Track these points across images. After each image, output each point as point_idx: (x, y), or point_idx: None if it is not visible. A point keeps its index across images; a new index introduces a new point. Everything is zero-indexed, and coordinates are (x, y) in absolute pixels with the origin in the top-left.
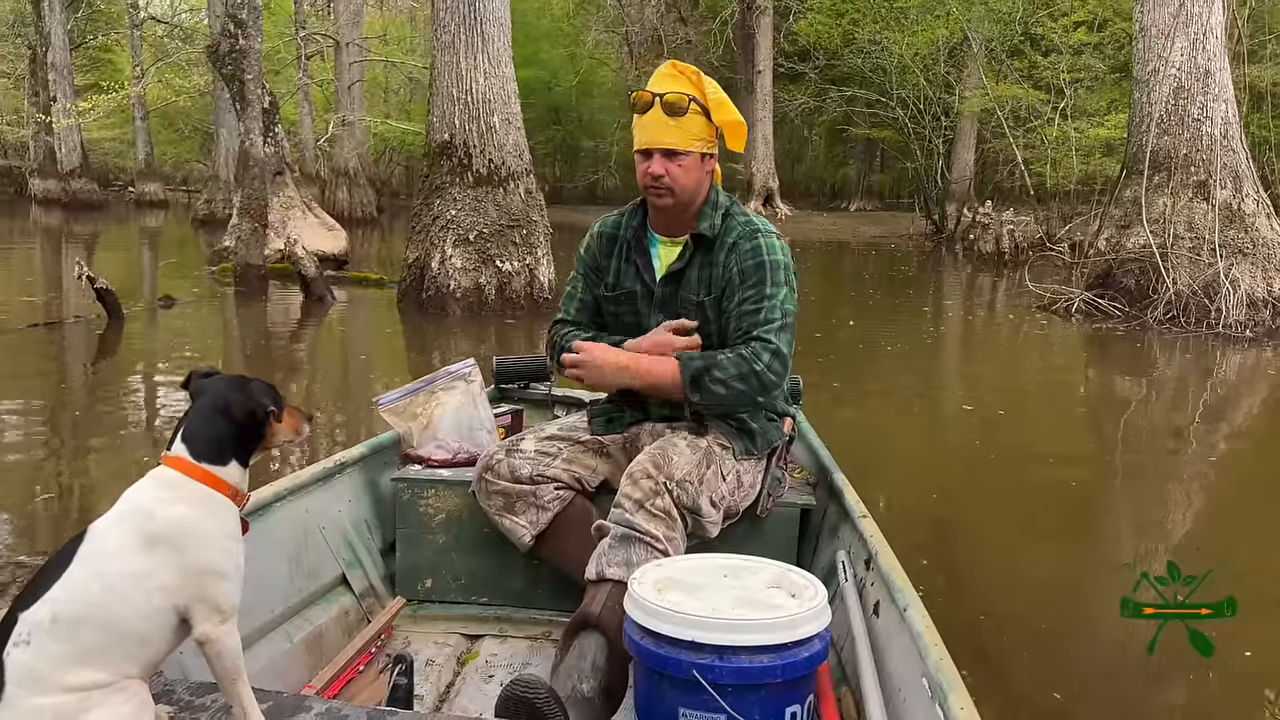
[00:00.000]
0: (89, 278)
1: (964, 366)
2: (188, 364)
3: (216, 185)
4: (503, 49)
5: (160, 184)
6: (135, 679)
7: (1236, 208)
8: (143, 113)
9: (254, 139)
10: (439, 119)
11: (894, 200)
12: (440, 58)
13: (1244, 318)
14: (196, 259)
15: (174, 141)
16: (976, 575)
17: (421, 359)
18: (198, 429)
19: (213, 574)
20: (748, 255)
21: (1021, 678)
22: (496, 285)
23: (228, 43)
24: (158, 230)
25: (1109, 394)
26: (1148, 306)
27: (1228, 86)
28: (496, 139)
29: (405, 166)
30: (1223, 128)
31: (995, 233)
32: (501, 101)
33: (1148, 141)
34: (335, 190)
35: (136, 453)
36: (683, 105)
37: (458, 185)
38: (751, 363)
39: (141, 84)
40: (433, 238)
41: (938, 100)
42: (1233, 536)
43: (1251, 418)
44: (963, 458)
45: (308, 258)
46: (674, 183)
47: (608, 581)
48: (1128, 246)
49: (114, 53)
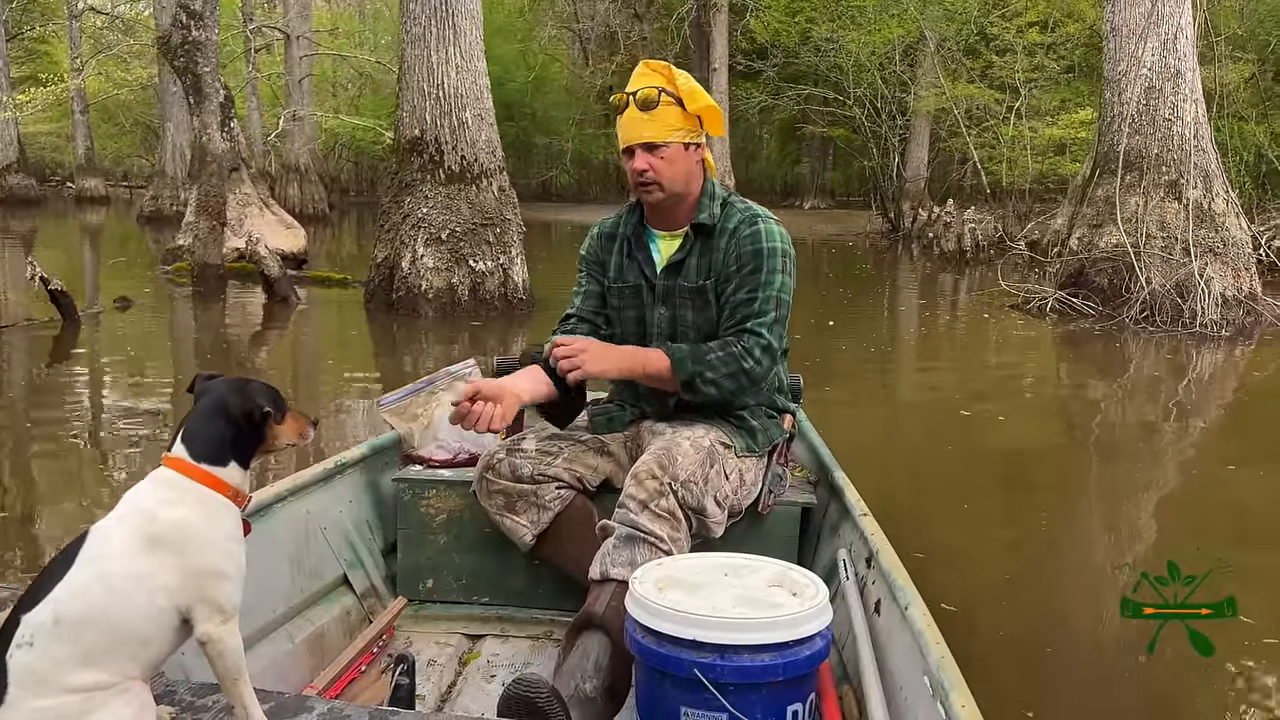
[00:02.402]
0: (43, 279)
1: (954, 369)
2: (152, 369)
3: (163, 181)
4: (475, 42)
5: (101, 180)
6: (137, 680)
7: (1207, 207)
8: (82, 106)
9: (211, 133)
10: (409, 114)
11: (846, 198)
12: (410, 51)
13: (1219, 317)
14: (145, 258)
15: (114, 136)
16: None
17: (392, 362)
18: (197, 430)
19: (214, 574)
20: (746, 241)
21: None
22: (470, 285)
23: (180, 34)
24: (99, 227)
25: (1108, 395)
26: (1121, 305)
27: (1197, 86)
28: (469, 135)
29: (354, 163)
30: (1193, 127)
31: (957, 231)
32: (474, 96)
33: (1119, 141)
34: (286, 187)
35: (105, 464)
36: (654, 98)
37: (429, 182)
38: (740, 360)
39: (81, 77)
40: (403, 236)
41: (893, 99)
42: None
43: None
44: (983, 467)
45: (270, 257)
46: (658, 176)
47: (611, 581)
48: (1100, 245)
49: (51, 44)
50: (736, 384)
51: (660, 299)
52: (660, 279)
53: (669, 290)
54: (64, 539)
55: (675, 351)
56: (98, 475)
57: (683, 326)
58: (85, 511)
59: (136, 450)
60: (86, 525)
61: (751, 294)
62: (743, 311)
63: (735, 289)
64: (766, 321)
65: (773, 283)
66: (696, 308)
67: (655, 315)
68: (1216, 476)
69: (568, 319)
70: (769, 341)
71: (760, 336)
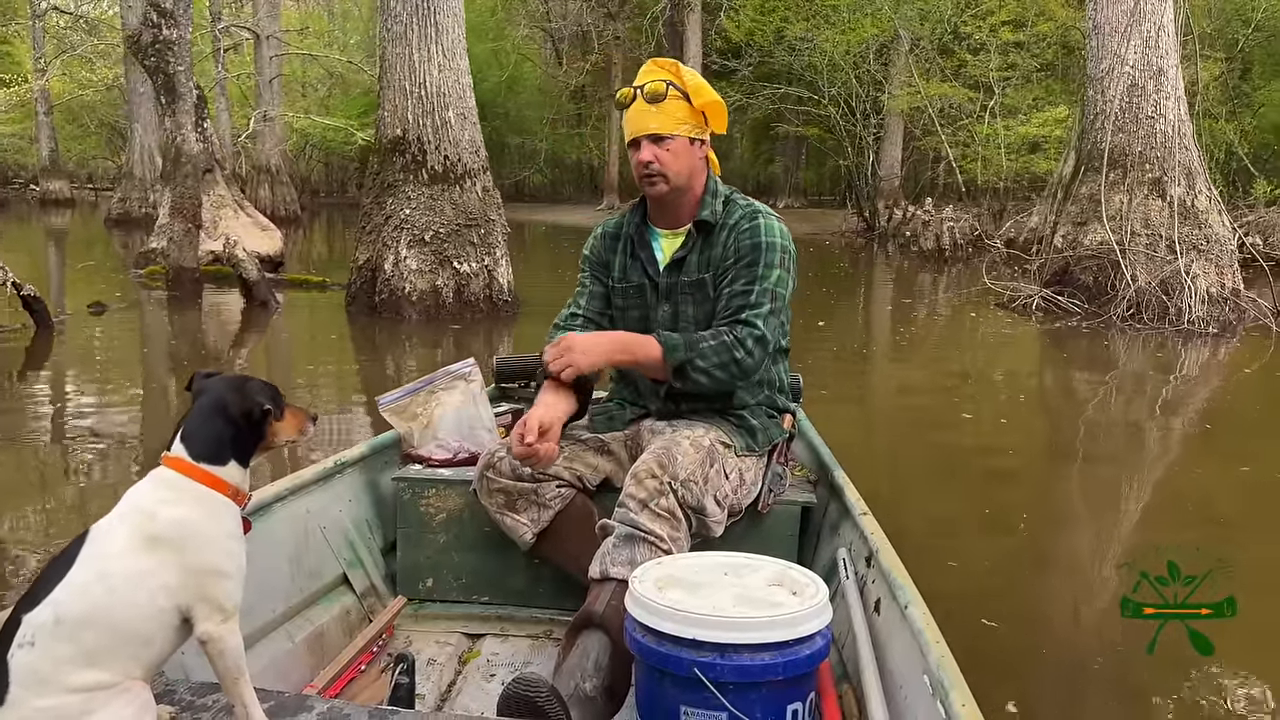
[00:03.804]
0: (14, 284)
1: (952, 370)
2: (130, 378)
3: (131, 183)
4: (457, 40)
5: (66, 182)
6: (138, 680)
7: (1190, 204)
8: (46, 107)
9: (185, 134)
10: (390, 114)
11: (819, 197)
12: (391, 49)
13: (1205, 314)
14: (114, 261)
15: (79, 137)
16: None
17: (376, 367)
18: (196, 429)
19: (214, 573)
20: (745, 235)
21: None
22: (454, 287)
23: (150, 33)
24: (65, 231)
25: (1101, 393)
26: (1106, 303)
27: (1179, 84)
28: (452, 134)
29: (324, 163)
30: (1175, 125)
31: (936, 230)
32: (456, 96)
33: (1103, 139)
34: (257, 188)
35: (80, 474)
36: (661, 91)
37: (412, 183)
38: (733, 349)
39: (45, 77)
40: (385, 238)
41: (867, 98)
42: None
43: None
44: (978, 467)
45: (249, 260)
46: (664, 167)
47: (611, 580)
48: (1085, 243)
49: (13, 45)
50: (728, 374)
51: (663, 296)
52: (663, 277)
53: (671, 287)
54: (46, 547)
55: (667, 339)
56: (79, 485)
57: (684, 322)
58: (68, 524)
59: (125, 456)
60: (86, 526)
61: (748, 285)
62: (738, 302)
63: (731, 280)
64: (761, 313)
65: (769, 276)
66: (697, 301)
67: (658, 313)
68: (1214, 472)
69: (573, 319)
70: (763, 333)
71: (754, 327)
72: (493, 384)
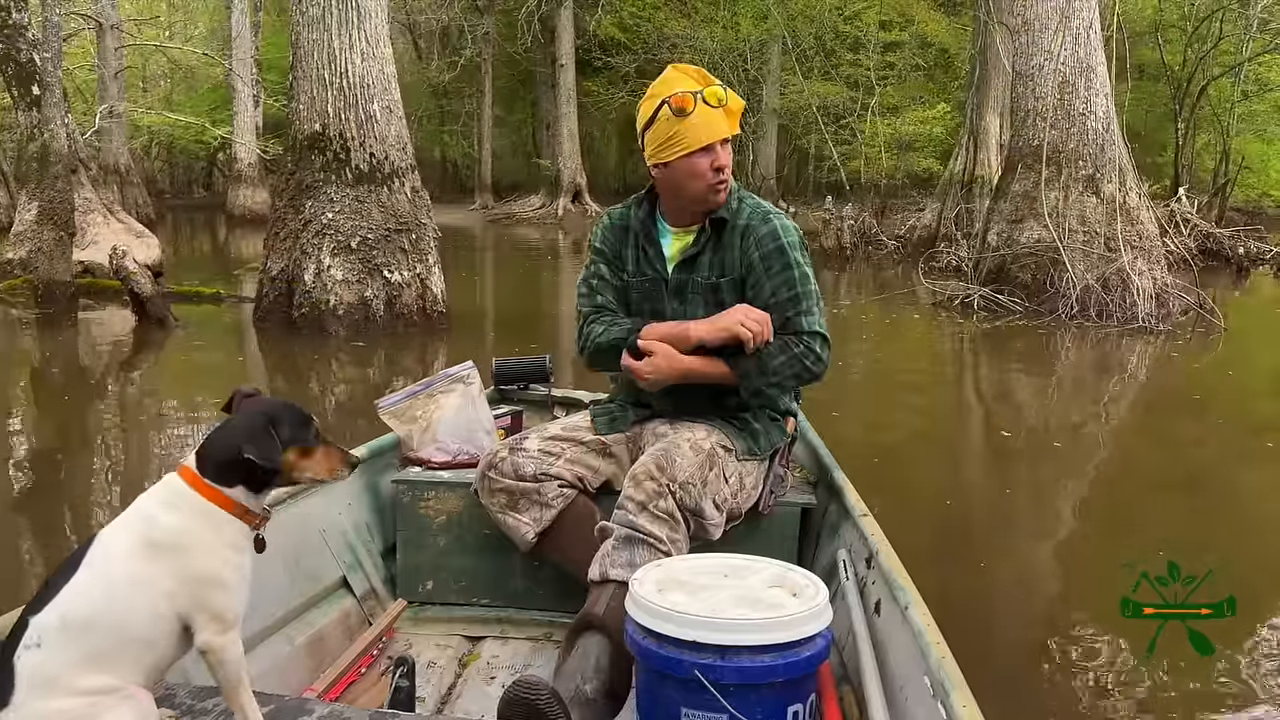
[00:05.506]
0: None
1: (916, 377)
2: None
3: None
4: (380, 26)
5: None
6: (141, 686)
7: (1123, 201)
8: None
9: (54, 130)
10: (307, 106)
11: None
12: (306, 35)
13: (1151, 309)
14: None
15: None
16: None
17: (300, 390)
18: (212, 449)
19: (212, 583)
20: (766, 239)
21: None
22: (385, 299)
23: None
24: None
25: (1109, 395)
26: (1045, 301)
27: (1107, 81)
28: (377, 130)
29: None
30: (1105, 121)
31: (836, 228)
32: (381, 87)
33: (1035, 136)
34: (106, 190)
35: None
36: (723, 95)
37: (334, 184)
38: (804, 359)
39: None
40: (304, 245)
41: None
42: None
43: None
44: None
45: (141, 272)
46: (728, 169)
47: (611, 583)
48: (1021, 241)
49: None
50: (799, 381)
51: (673, 293)
52: (673, 275)
53: (681, 284)
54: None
55: (739, 366)
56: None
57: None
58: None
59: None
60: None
61: (792, 291)
62: (791, 309)
63: (773, 291)
64: (815, 317)
65: (807, 276)
66: (708, 304)
67: (669, 311)
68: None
69: (602, 312)
70: (823, 333)
71: (817, 334)
72: (491, 387)
